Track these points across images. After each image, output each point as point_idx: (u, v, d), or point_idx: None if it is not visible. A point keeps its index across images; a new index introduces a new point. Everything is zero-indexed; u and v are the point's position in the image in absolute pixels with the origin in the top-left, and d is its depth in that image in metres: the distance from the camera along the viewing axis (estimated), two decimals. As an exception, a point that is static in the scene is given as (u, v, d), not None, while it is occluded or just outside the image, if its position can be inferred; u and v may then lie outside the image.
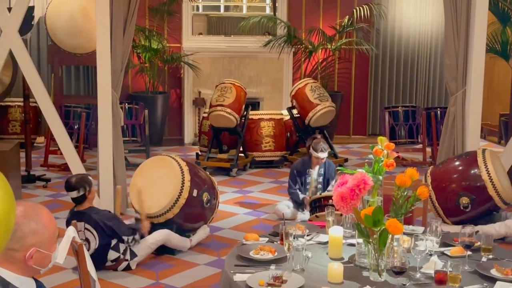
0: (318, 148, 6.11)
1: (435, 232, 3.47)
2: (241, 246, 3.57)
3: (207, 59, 10.09)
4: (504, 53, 9.37)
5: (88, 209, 4.89)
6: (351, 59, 10.61)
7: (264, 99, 10.34)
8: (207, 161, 8.20)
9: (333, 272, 3.10)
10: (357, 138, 10.52)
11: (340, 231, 3.46)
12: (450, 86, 6.71)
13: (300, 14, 10.36)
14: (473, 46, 6.46)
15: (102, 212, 4.97)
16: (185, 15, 10.09)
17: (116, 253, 4.93)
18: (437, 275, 3.01)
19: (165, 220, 5.37)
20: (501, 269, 3.18)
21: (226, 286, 3.22)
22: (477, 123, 6.66)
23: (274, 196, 7.20)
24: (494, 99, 10.84)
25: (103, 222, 4.85)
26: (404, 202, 3.26)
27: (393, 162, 3.32)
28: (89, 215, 4.86)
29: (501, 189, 5.67)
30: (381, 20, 10.32)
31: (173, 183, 5.37)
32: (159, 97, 9.74)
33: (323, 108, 8.38)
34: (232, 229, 6.06)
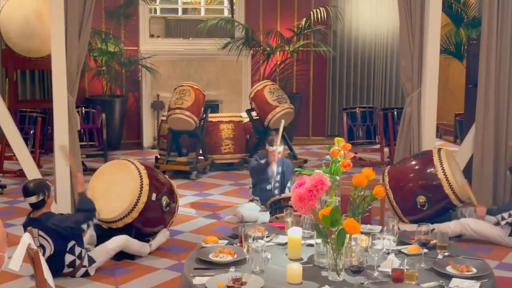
0: (273, 141, 6.14)
1: (392, 231, 3.51)
2: (200, 249, 3.56)
3: (165, 62, 10.04)
4: (458, 54, 9.57)
5: (42, 215, 4.79)
6: (309, 61, 10.69)
7: (223, 101, 10.34)
8: (166, 164, 8.16)
9: (292, 273, 3.11)
10: (316, 139, 10.60)
11: (299, 232, 3.48)
12: (405, 86, 6.81)
13: (257, 17, 10.40)
14: (428, 47, 6.57)
15: (55, 217, 4.87)
16: (142, 18, 10.02)
17: (72, 256, 4.85)
18: (394, 273, 3.05)
19: (124, 224, 5.32)
20: (457, 266, 3.24)
21: (185, 289, 3.20)
22: (433, 122, 6.77)
23: (234, 198, 7.19)
24: (450, 99, 11.05)
25: (59, 226, 4.76)
26: (361, 201, 3.29)
27: (349, 163, 3.35)
28: (43, 222, 4.76)
29: (457, 187, 5.77)
30: (338, 22, 10.43)
31: (132, 187, 5.32)
32: (116, 101, 9.65)
33: (282, 109, 8.42)
34: (192, 233, 6.03)
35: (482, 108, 6.74)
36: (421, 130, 6.74)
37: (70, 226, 4.80)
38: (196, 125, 8.12)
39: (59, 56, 6.09)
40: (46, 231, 4.75)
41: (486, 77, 6.70)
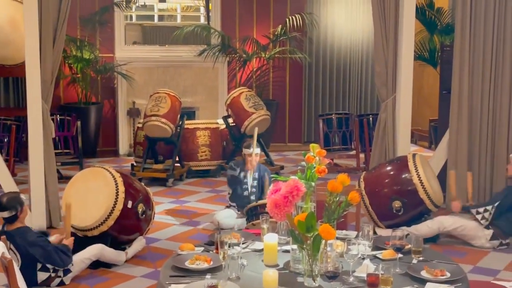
0: (250, 145, 6.15)
1: (367, 236, 3.54)
2: (176, 257, 3.55)
3: (141, 69, 10.01)
4: (432, 60, 9.67)
5: (16, 230, 4.70)
6: (285, 68, 10.73)
7: (200, 108, 10.33)
8: (142, 172, 8.12)
9: (268, 279, 3.11)
10: (292, 146, 10.63)
11: (274, 238, 3.49)
12: (380, 92, 6.87)
13: (234, 23, 10.42)
14: (402, 53, 6.64)
15: (28, 237, 4.73)
16: (118, 25, 9.98)
17: (46, 273, 4.79)
18: (369, 278, 3.07)
19: (99, 232, 5.28)
20: (431, 270, 3.28)
21: (161, 297, 3.19)
22: (407, 128, 6.84)
23: (211, 205, 7.18)
24: (424, 105, 11.16)
25: (25, 248, 4.68)
26: (337, 207, 3.31)
27: (325, 169, 3.37)
28: (15, 237, 4.69)
29: (431, 192, 5.83)
30: (313, 29, 10.48)
31: (107, 195, 5.29)
32: (92, 108, 9.59)
33: (258, 116, 8.43)
34: (168, 240, 6.01)
35: (456, 114, 6.82)
36: (396, 136, 6.81)
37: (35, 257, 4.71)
38: (173, 132, 8.10)
39: (33, 64, 6.04)
40: (17, 247, 4.69)
41: (459, 83, 6.79)
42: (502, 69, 6.80)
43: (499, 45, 6.78)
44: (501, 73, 6.81)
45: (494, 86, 6.82)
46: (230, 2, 10.36)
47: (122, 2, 9.75)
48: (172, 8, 11.95)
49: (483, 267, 5.36)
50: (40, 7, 6.02)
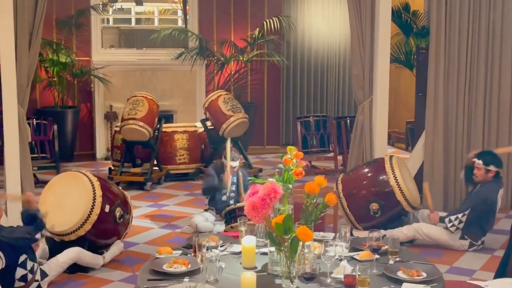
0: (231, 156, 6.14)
1: (344, 238, 3.57)
2: (154, 260, 3.55)
3: (118, 73, 9.96)
4: (408, 63, 9.76)
5: None
6: (263, 71, 10.76)
7: (178, 111, 10.30)
8: (120, 175, 8.08)
9: (246, 281, 3.12)
10: (271, 148, 10.64)
11: (252, 240, 3.50)
12: (357, 95, 6.92)
13: (211, 26, 10.42)
14: (378, 56, 6.70)
15: (6, 229, 4.75)
16: (94, 28, 9.92)
17: (23, 270, 4.74)
18: (346, 279, 3.09)
19: (76, 237, 5.25)
20: (407, 271, 3.31)
21: (139, 301, 3.18)
22: (384, 130, 6.89)
23: (189, 208, 7.17)
24: (401, 108, 11.25)
25: (10, 238, 4.64)
26: (314, 209, 3.33)
27: (302, 171, 3.38)
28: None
29: (408, 194, 5.88)
30: (291, 32, 10.52)
31: (84, 199, 5.26)
32: (69, 112, 9.52)
33: (236, 119, 8.44)
34: (146, 244, 5.99)
35: (432, 116, 6.89)
36: (373, 138, 6.86)
37: (22, 237, 4.69)
38: (150, 136, 8.07)
39: (9, 67, 5.99)
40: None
41: (435, 85, 6.86)
42: (477, 71, 6.89)
43: (474, 48, 6.87)
44: (476, 75, 6.90)
45: (469, 88, 6.91)
46: (207, 5, 10.36)
47: (99, 5, 9.70)
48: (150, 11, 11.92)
49: (460, 267, 5.42)
50: (15, 10, 5.97)
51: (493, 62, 6.91)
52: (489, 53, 6.90)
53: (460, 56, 6.85)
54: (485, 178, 5.72)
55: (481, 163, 5.72)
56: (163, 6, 11.58)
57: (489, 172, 5.71)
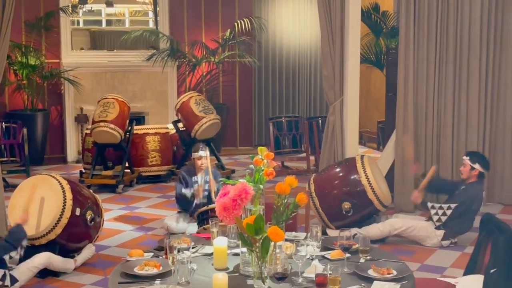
0: (198, 148, 6.12)
1: (315, 237, 3.58)
2: (125, 263, 3.52)
3: (88, 75, 9.88)
4: (378, 63, 9.83)
5: None
6: (235, 72, 10.76)
7: (149, 113, 10.26)
8: (91, 178, 8.01)
9: (218, 283, 3.11)
10: (243, 149, 10.65)
11: (224, 241, 3.49)
12: (328, 95, 6.96)
13: (182, 28, 10.39)
14: (348, 56, 6.74)
15: None
16: (64, 30, 9.83)
17: None
18: (318, 279, 3.10)
19: (47, 241, 5.19)
20: (378, 269, 3.33)
21: (110, 304, 3.16)
22: (355, 130, 6.94)
23: (162, 210, 7.14)
24: (372, 107, 11.34)
25: None
26: (285, 209, 3.34)
27: (272, 171, 3.39)
28: None
29: (380, 193, 5.92)
30: (262, 33, 10.54)
31: (55, 203, 5.20)
32: (39, 115, 9.42)
33: (208, 120, 8.42)
34: (118, 247, 5.94)
35: (402, 115, 6.96)
36: (344, 138, 6.90)
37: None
38: (121, 138, 8.02)
39: (-24, 70, 5.90)
40: None
41: (404, 85, 6.93)
42: (446, 70, 6.98)
43: (442, 48, 6.95)
44: (445, 74, 6.98)
45: (438, 87, 6.99)
46: (178, 6, 10.33)
47: (68, 7, 9.61)
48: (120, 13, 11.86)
49: (431, 265, 5.47)
50: (-18, 13, 5.89)
51: (461, 62, 7.00)
52: (457, 53, 6.99)
53: (429, 56, 6.93)
54: (469, 176, 5.81)
55: (468, 159, 5.81)
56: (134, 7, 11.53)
57: (473, 170, 5.78)
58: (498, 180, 7.22)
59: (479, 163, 5.80)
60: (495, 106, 7.16)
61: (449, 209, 5.76)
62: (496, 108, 7.17)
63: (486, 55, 7.02)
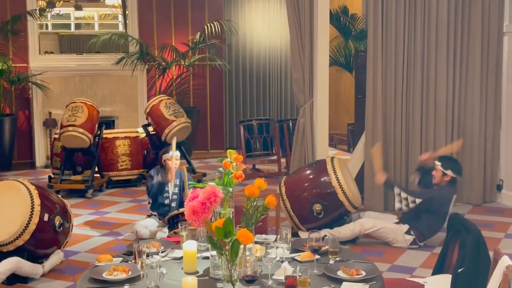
0: (168, 149, 6.09)
1: (285, 239, 3.58)
2: (94, 268, 3.48)
3: (57, 79, 9.78)
4: (348, 66, 9.89)
5: None
6: (205, 75, 10.74)
7: (119, 117, 10.18)
8: (60, 183, 7.92)
9: (187, 286, 3.10)
10: (215, 153, 10.62)
11: (193, 245, 3.48)
12: (298, 98, 6.99)
13: (151, 31, 10.34)
14: (318, 59, 6.79)
15: None
16: (31, 34, 9.71)
17: None
18: (287, 281, 3.11)
19: (15, 247, 5.11)
20: (347, 270, 3.35)
21: (78, 310, 3.12)
22: (325, 132, 6.98)
23: (132, 215, 7.09)
24: (342, 110, 11.41)
25: None
26: (254, 212, 3.33)
27: (241, 174, 3.39)
28: None
29: (350, 194, 5.96)
30: (232, 36, 10.54)
31: (22, 208, 5.13)
32: (6, 120, 9.28)
33: (178, 124, 8.39)
34: (88, 252, 5.88)
35: (371, 117, 7.01)
36: (314, 140, 6.94)
37: None
38: (91, 142, 7.94)
39: None
40: None
41: (373, 87, 6.99)
42: (414, 73, 7.05)
43: (410, 51, 7.03)
44: (413, 77, 7.06)
45: (406, 90, 7.06)
46: (147, 9, 10.28)
47: (35, 11, 9.50)
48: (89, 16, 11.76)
49: (400, 265, 5.52)
50: None
51: (429, 65, 7.08)
52: (425, 55, 7.07)
53: (397, 58, 7.00)
54: (441, 181, 5.84)
55: (440, 165, 5.82)
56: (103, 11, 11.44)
57: (445, 176, 5.81)
58: (467, 180, 7.30)
59: (451, 169, 5.82)
60: (463, 106, 7.25)
61: (413, 203, 5.79)
62: (463, 108, 7.25)
63: (453, 55, 7.11)
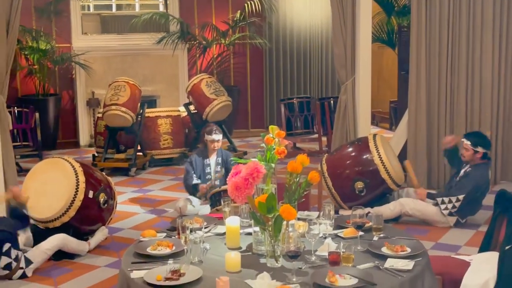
0: (212, 131, 6.10)
1: (328, 216, 3.56)
2: (138, 243, 3.52)
3: (99, 59, 9.88)
4: (390, 42, 9.75)
5: None
6: (246, 54, 10.70)
7: (161, 96, 10.25)
8: (104, 162, 8.03)
9: (231, 262, 3.11)
10: (255, 132, 10.61)
11: (236, 220, 3.48)
12: (340, 74, 6.91)
13: (192, 10, 10.33)
14: (360, 34, 6.68)
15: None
16: (74, 14, 9.81)
17: (8, 258, 4.73)
18: (331, 256, 3.09)
19: (61, 224, 5.21)
20: (392, 246, 3.31)
21: (124, 284, 3.16)
22: (367, 109, 6.89)
23: (174, 193, 7.15)
24: (384, 87, 11.25)
25: None
26: (297, 188, 3.31)
27: (284, 150, 3.36)
28: None
29: (393, 171, 5.89)
30: (272, 14, 10.46)
31: (67, 185, 5.22)
32: (50, 100, 9.43)
33: (219, 102, 8.40)
34: (132, 229, 5.96)
35: (414, 94, 6.89)
36: (356, 117, 6.86)
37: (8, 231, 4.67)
38: (133, 121, 8.02)
39: (-14, 55, 5.91)
40: None
41: (417, 63, 6.86)
42: (459, 48, 6.89)
43: (455, 25, 6.86)
44: (458, 53, 6.90)
45: (451, 66, 6.91)
46: (188, -12, 10.27)
47: (78, -9, 9.59)
48: (130, -4, 11.79)
49: (445, 243, 5.45)
50: (-9, -3, 5.88)
51: (474, 40, 6.91)
52: (470, 30, 6.89)
53: (441, 34, 6.85)
54: (473, 159, 5.69)
55: (470, 144, 5.67)
56: (144, -9, 11.46)
57: (477, 153, 5.68)
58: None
59: (481, 145, 5.65)
60: (509, 82, 7.07)
61: (458, 201, 5.68)
62: (510, 83, 7.07)
63: (499, 30, 6.92)
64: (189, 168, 6.16)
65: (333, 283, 2.89)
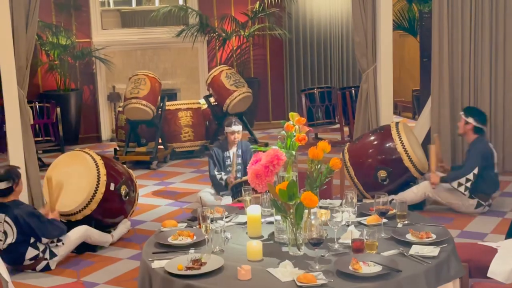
0: (231, 122, 6.06)
1: (351, 203, 3.51)
2: (159, 234, 3.51)
3: (119, 53, 9.88)
4: (412, 30, 9.62)
5: (12, 202, 4.73)
6: (265, 45, 10.63)
7: (181, 89, 10.23)
8: (125, 155, 8.04)
9: (252, 250, 3.07)
10: (276, 123, 10.54)
11: (257, 209, 3.44)
12: (361, 63, 6.82)
13: (211, 2, 10.29)
14: (380, 22, 6.58)
15: (25, 208, 4.79)
16: (93, 9, 9.82)
17: (35, 250, 4.76)
18: (354, 244, 3.04)
19: (83, 216, 5.22)
20: (416, 233, 3.24)
21: (145, 274, 3.14)
22: (389, 97, 6.80)
23: (196, 185, 7.13)
24: (406, 76, 11.12)
25: (22, 218, 4.67)
26: (318, 175, 3.26)
27: (305, 136, 3.31)
28: (11, 208, 4.68)
29: (416, 160, 5.80)
30: (292, 4, 10.37)
31: (89, 178, 5.22)
32: (71, 95, 9.46)
33: (240, 94, 8.36)
34: (154, 221, 5.95)
35: (437, 81, 6.79)
36: (378, 106, 6.77)
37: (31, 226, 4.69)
38: (154, 114, 8.01)
39: (7, 50, 5.92)
40: (13, 218, 4.66)
41: (439, 50, 6.75)
42: (482, 35, 6.77)
43: (478, 11, 6.74)
44: (481, 38, 6.78)
45: (474, 52, 6.79)
46: (207, -20, 10.23)
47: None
48: (149, -9, 11.81)
49: (470, 231, 5.36)
50: (10, -8, 5.89)
51: (497, 26, 6.78)
52: (493, 17, 6.76)
53: (463, 20, 6.73)
54: (465, 131, 5.76)
55: (462, 114, 5.79)
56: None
57: (467, 124, 5.69)
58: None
59: (473, 117, 5.71)
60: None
61: (474, 176, 5.60)
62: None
63: (523, 16, 6.80)
64: (210, 160, 6.15)
65: (357, 270, 2.84)
